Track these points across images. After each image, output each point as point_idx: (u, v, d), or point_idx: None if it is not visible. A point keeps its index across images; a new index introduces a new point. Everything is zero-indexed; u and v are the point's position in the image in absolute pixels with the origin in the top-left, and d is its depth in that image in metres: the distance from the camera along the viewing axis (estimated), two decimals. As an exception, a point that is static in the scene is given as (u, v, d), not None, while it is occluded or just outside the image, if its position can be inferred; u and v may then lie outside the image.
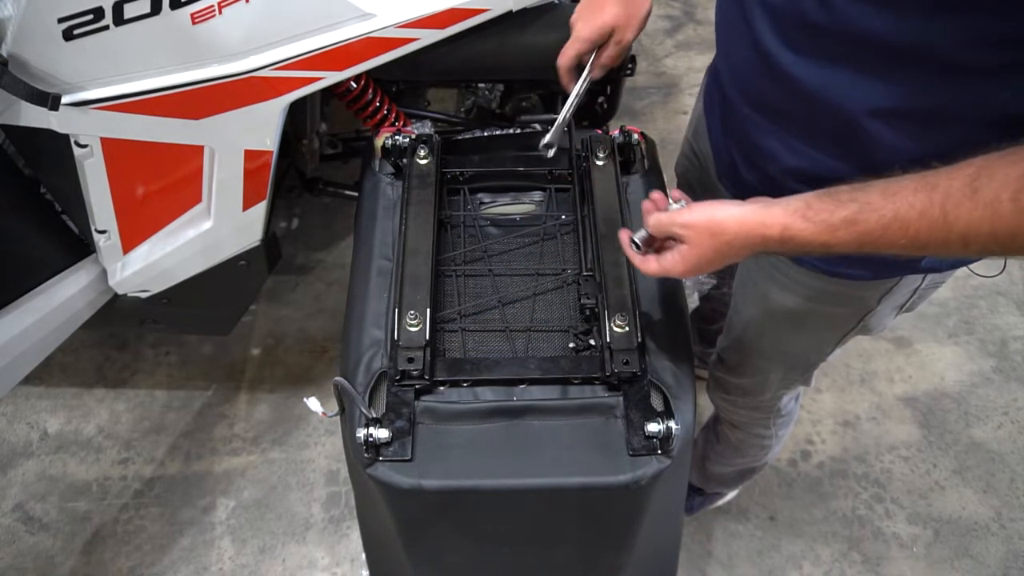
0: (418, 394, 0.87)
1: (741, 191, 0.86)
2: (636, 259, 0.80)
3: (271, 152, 1.11)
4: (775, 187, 0.80)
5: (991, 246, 0.58)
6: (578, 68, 0.98)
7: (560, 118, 0.97)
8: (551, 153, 0.99)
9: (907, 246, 0.61)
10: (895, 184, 0.61)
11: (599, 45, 0.96)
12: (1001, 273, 0.96)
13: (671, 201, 0.79)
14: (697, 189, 1.10)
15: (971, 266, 0.86)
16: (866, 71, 0.66)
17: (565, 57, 0.97)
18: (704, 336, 1.64)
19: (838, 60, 0.68)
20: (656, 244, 0.80)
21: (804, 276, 0.89)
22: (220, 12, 0.92)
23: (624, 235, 0.82)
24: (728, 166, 0.93)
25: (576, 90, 0.98)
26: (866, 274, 0.85)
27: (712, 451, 1.44)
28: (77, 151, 1.00)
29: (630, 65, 1.62)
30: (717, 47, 0.90)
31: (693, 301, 1.63)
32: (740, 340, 1.09)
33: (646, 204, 0.82)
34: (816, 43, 0.69)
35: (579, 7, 0.96)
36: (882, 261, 0.76)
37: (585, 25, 0.95)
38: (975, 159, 0.58)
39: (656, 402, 0.88)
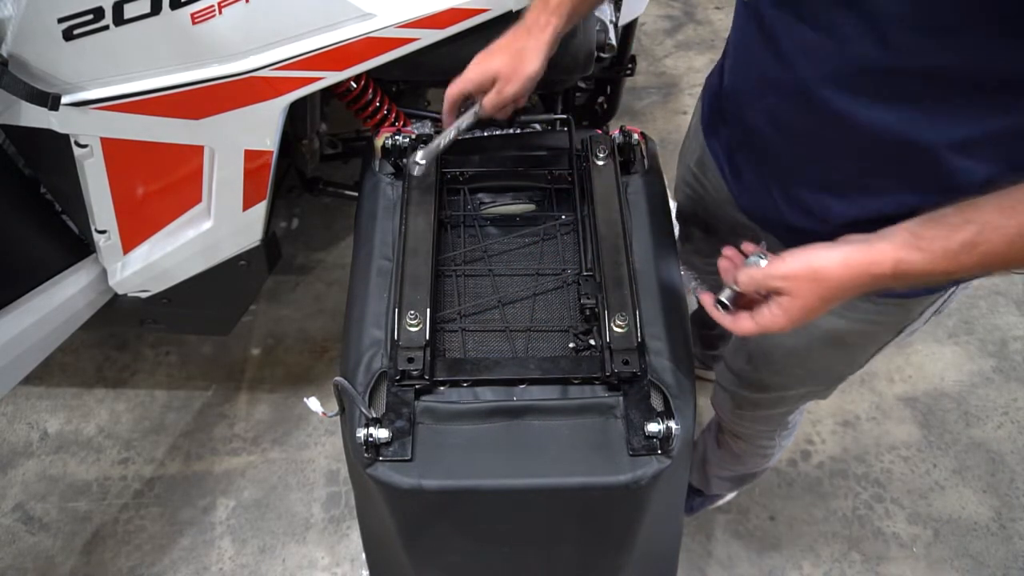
0: (418, 394, 0.87)
1: (794, 236, 0.81)
2: (726, 320, 0.76)
3: (271, 152, 1.11)
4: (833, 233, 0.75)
5: None
6: (465, 103, 0.98)
7: (435, 143, 0.96)
8: (417, 172, 0.97)
9: (1007, 264, 0.61)
10: (1008, 199, 0.60)
11: (484, 90, 0.95)
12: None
13: (750, 255, 0.75)
14: (713, 224, 1.07)
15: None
16: (937, 105, 0.65)
17: (450, 91, 0.97)
18: (705, 341, 1.64)
19: (904, 98, 0.66)
20: (744, 300, 0.76)
21: (859, 301, 0.86)
22: (220, 12, 0.92)
23: (708, 299, 0.78)
24: (771, 210, 0.89)
25: (456, 124, 0.97)
26: (920, 291, 0.83)
27: (713, 456, 1.44)
28: (77, 151, 1.00)
29: (630, 65, 1.63)
30: (736, 85, 0.87)
31: (693, 303, 1.63)
32: (766, 359, 1.05)
33: (723, 263, 0.78)
34: (878, 84, 0.67)
35: (481, 52, 0.96)
36: None
37: (473, 67, 0.95)
38: None
39: (656, 402, 0.88)
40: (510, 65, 0.93)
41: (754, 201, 0.93)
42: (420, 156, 0.96)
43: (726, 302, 0.77)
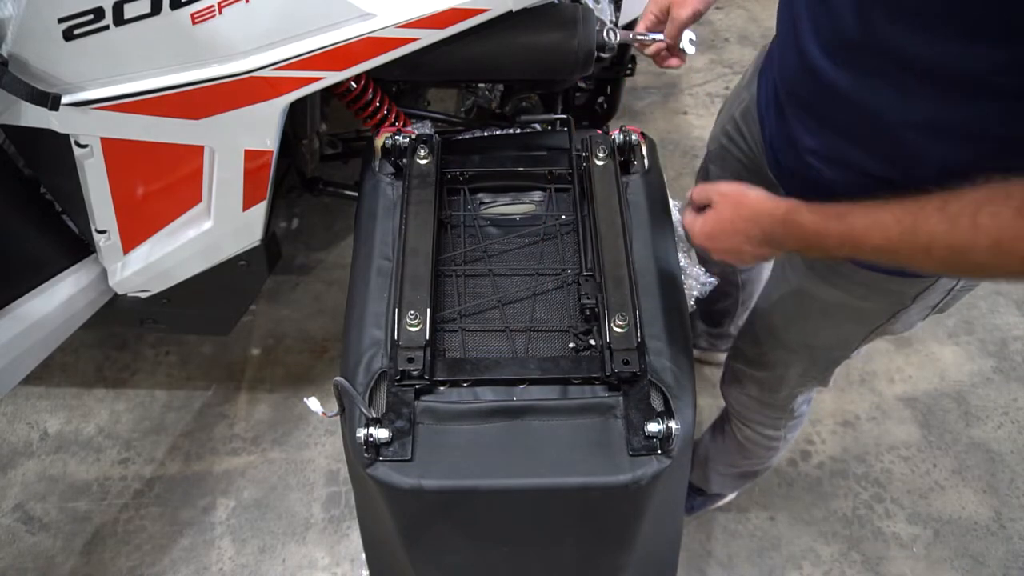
0: (418, 394, 0.87)
1: (782, 177, 0.96)
2: (687, 217, 0.90)
3: (271, 152, 1.11)
4: (811, 172, 0.86)
5: (949, 259, 0.65)
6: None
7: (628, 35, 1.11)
8: (616, 38, 1.13)
9: (882, 248, 0.69)
10: (883, 201, 0.69)
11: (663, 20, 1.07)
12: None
13: None
14: (741, 171, 1.13)
15: None
16: (902, 86, 0.70)
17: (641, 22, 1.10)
18: (708, 318, 1.65)
19: (875, 74, 0.72)
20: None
21: (845, 267, 0.91)
22: (220, 12, 0.92)
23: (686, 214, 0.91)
24: (788, 166, 0.96)
25: (636, 34, 1.10)
26: (904, 273, 0.88)
27: (717, 451, 1.44)
28: (77, 151, 1.00)
29: (630, 65, 1.62)
30: (772, 45, 0.98)
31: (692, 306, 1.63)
32: (766, 330, 1.11)
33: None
34: (855, 57, 0.74)
35: None
36: None
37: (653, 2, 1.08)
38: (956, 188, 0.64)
39: (656, 402, 0.88)
40: None
41: (777, 156, 0.98)
42: (618, 36, 1.12)
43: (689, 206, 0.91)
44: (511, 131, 1.26)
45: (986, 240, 0.61)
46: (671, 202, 1.12)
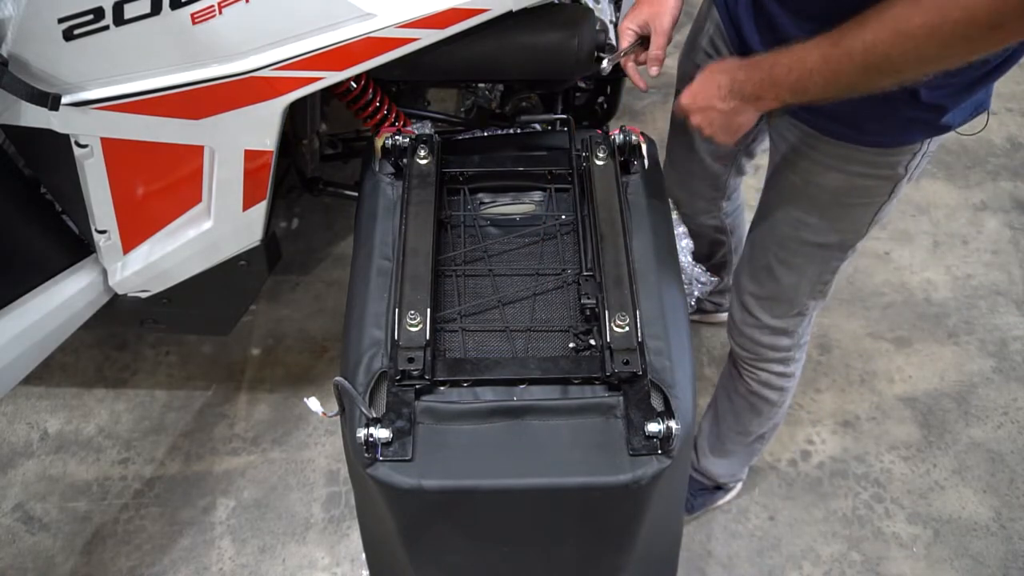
0: (418, 394, 0.87)
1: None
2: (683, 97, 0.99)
3: (271, 152, 1.11)
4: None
5: (881, 50, 0.74)
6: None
7: (619, 51, 1.14)
8: (606, 63, 1.16)
9: (812, 81, 0.81)
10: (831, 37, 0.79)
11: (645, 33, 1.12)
12: (983, 130, 1.06)
13: None
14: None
15: (958, 129, 0.98)
16: None
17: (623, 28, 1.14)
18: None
19: None
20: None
21: (843, 150, 0.99)
22: (220, 12, 0.92)
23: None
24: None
25: (623, 51, 1.14)
26: (894, 140, 0.97)
27: (725, 423, 1.45)
28: (77, 151, 1.00)
29: (630, 65, 1.62)
30: None
31: (692, 305, 1.63)
32: (775, 243, 1.14)
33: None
34: None
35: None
36: (904, 125, 0.95)
37: (630, 17, 1.13)
38: None
39: (656, 402, 0.88)
40: (651, 9, 1.10)
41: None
42: (606, 63, 1.16)
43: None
44: (511, 131, 1.27)
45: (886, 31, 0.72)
46: (671, 202, 1.12)
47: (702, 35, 1.17)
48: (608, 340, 0.88)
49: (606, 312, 0.91)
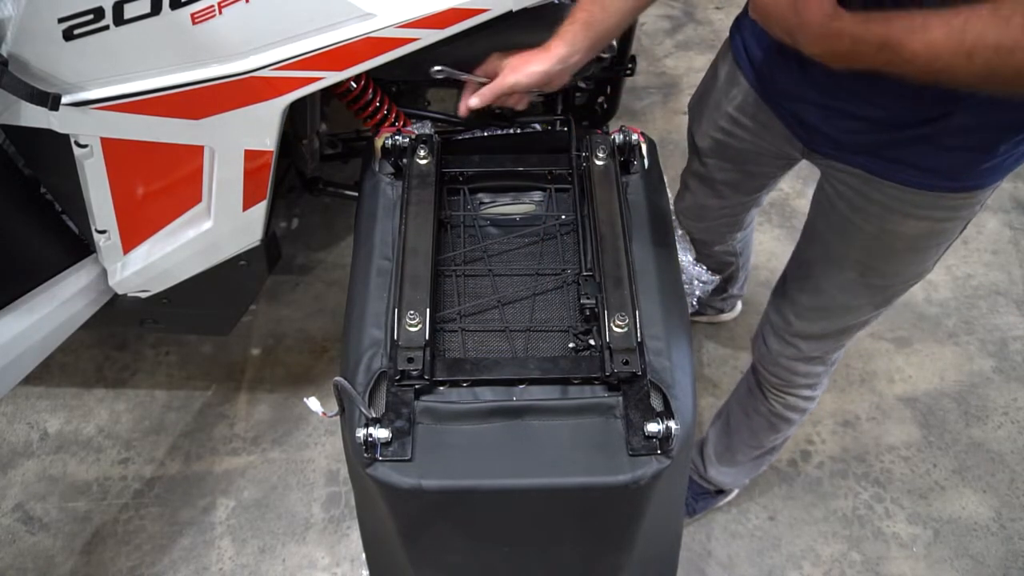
0: (418, 394, 0.87)
1: (815, 140, 1.02)
2: None
3: (271, 152, 1.11)
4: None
5: (991, 62, 0.65)
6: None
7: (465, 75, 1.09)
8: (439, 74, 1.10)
9: (920, 53, 0.68)
10: (931, 9, 0.68)
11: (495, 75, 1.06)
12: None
13: None
14: (746, 156, 1.16)
15: None
16: None
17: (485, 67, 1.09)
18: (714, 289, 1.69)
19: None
20: None
21: (924, 197, 0.94)
22: (220, 12, 0.92)
23: None
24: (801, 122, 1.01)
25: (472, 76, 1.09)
26: (985, 182, 0.92)
27: (739, 436, 1.43)
28: (77, 151, 1.00)
29: (630, 65, 1.62)
30: None
31: (693, 305, 1.63)
32: (838, 284, 1.09)
33: None
34: None
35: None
36: (997, 166, 0.89)
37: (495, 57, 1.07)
38: None
39: (656, 402, 0.88)
40: (519, 58, 1.02)
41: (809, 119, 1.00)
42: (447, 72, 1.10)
43: None
44: (511, 131, 1.26)
45: None
46: (671, 202, 1.12)
47: (725, 101, 1.13)
48: (608, 340, 0.88)
49: (606, 312, 0.90)
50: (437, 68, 1.09)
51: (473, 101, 1.06)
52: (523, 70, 1.00)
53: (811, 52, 0.76)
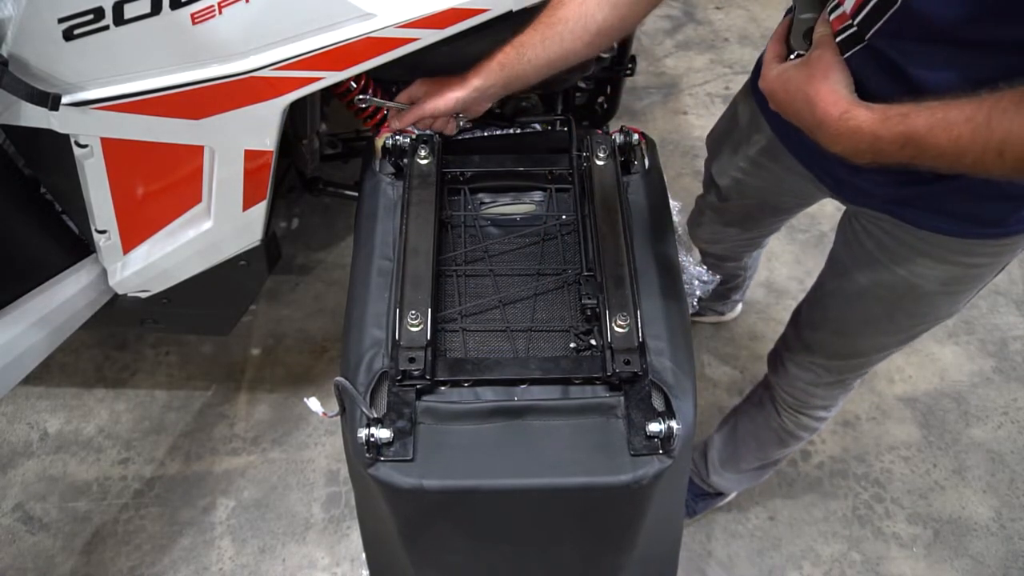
0: (419, 394, 0.87)
1: (843, 187, 0.99)
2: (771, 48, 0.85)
3: (271, 152, 1.10)
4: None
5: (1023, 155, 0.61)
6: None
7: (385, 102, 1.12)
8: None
9: (946, 150, 0.65)
10: (950, 100, 0.65)
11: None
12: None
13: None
14: (764, 195, 1.16)
15: None
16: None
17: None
18: (717, 296, 1.71)
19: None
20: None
21: (959, 244, 0.90)
22: (220, 12, 0.92)
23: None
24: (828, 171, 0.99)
25: (391, 103, 1.12)
26: (1019, 228, 0.87)
27: (746, 446, 1.42)
28: (77, 151, 1.00)
29: (630, 65, 1.62)
30: None
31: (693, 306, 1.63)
32: (865, 319, 1.06)
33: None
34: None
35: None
36: None
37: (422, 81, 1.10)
38: None
39: (657, 402, 0.88)
40: (438, 84, 1.06)
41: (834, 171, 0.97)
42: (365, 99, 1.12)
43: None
44: (511, 131, 1.26)
45: None
46: (671, 202, 1.12)
47: (747, 145, 1.11)
48: (609, 340, 0.88)
49: (607, 312, 0.90)
50: (360, 97, 1.12)
51: (394, 124, 1.10)
52: (441, 96, 1.04)
53: (834, 150, 0.74)
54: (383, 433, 0.82)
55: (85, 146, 1.00)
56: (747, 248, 1.46)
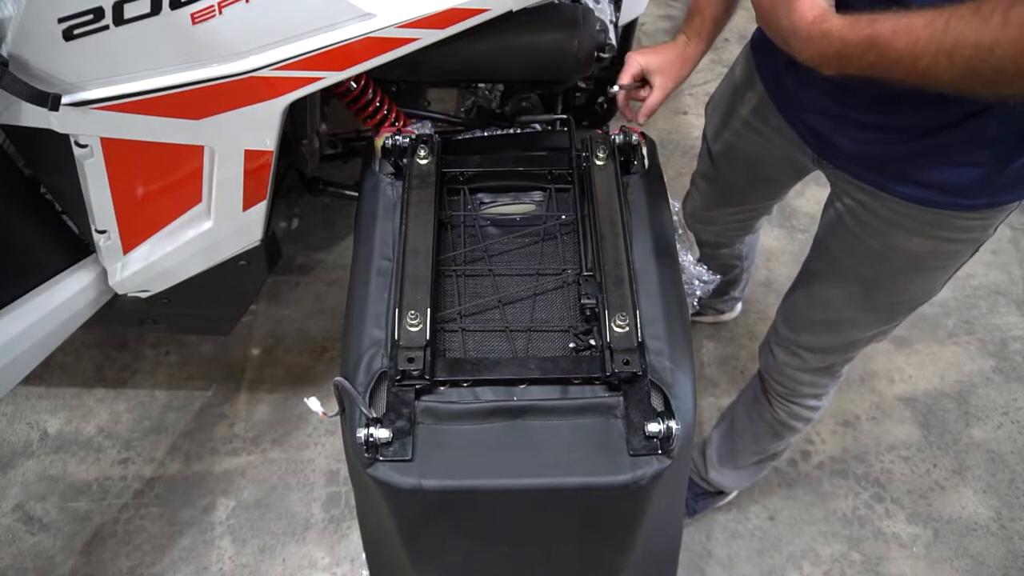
0: (418, 394, 0.87)
1: (827, 150, 1.03)
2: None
3: (271, 152, 1.11)
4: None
5: (970, 61, 0.64)
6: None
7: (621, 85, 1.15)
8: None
9: (904, 53, 0.68)
10: (915, 9, 0.69)
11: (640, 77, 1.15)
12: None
13: None
14: (756, 159, 1.20)
15: None
16: None
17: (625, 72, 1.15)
18: (716, 291, 1.69)
19: None
20: None
21: (932, 216, 0.93)
22: (220, 12, 0.92)
23: None
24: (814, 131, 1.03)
25: (622, 85, 1.15)
26: (996, 200, 0.90)
27: (742, 440, 1.43)
28: (77, 151, 1.00)
29: (630, 65, 1.62)
30: None
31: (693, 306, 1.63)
32: (843, 297, 1.09)
33: None
34: None
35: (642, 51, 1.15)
36: (1009, 184, 0.87)
37: (639, 58, 1.14)
38: None
39: (656, 402, 0.88)
40: (658, 61, 1.12)
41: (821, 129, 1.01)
42: (616, 88, 1.16)
43: None
44: (511, 131, 1.26)
45: (1014, 32, 0.61)
46: (671, 202, 1.12)
47: (741, 104, 1.16)
48: (608, 340, 0.88)
49: (606, 312, 0.90)
50: (613, 88, 1.15)
51: (643, 118, 1.14)
52: (672, 76, 1.11)
53: (803, 57, 0.78)
54: (382, 433, 0.82)
55: (85, 146, 1.00)
56: (739, 232, 1.46)
